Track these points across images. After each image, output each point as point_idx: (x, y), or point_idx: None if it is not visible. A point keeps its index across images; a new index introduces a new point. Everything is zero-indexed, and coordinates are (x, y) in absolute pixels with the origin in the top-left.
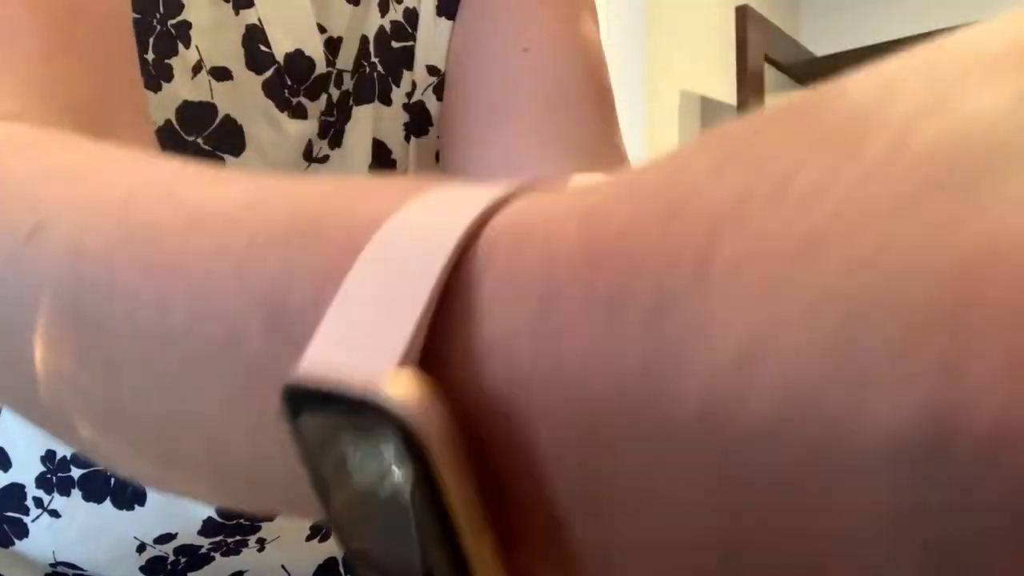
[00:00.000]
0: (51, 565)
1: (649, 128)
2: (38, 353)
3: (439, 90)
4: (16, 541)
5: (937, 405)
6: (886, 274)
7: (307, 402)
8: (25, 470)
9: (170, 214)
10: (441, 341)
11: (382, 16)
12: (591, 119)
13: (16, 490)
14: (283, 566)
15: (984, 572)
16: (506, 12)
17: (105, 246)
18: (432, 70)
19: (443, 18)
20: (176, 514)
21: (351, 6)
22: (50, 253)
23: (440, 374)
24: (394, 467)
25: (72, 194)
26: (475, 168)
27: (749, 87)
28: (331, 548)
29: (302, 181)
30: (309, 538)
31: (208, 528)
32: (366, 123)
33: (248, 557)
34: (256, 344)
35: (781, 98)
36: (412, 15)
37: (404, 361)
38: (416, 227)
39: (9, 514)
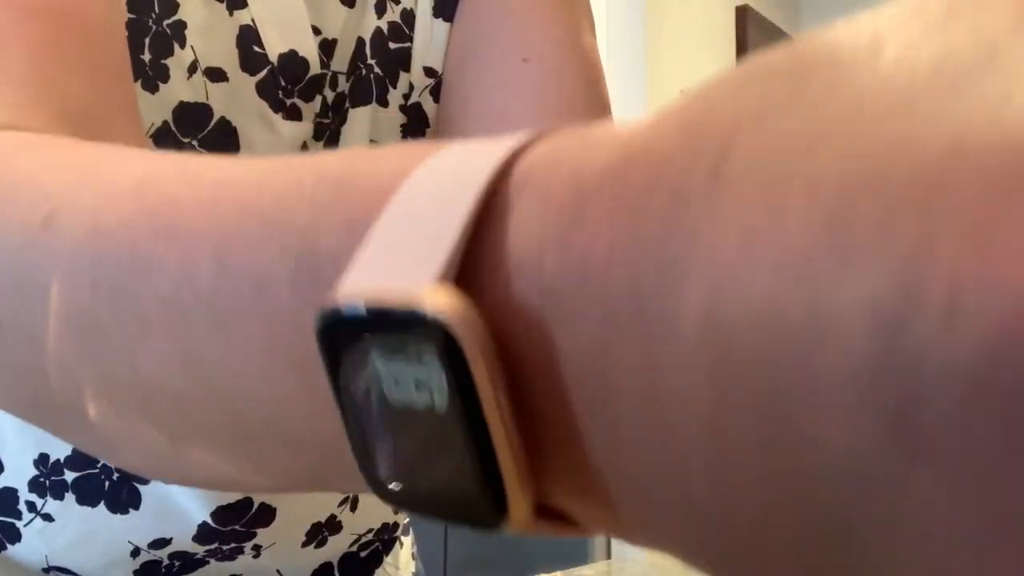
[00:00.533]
0: (44, 570)
1: None
2: (52, 333)
3: (436, 92)
4: (8, 545)
5: (906, 274)
6: (875, 161)
7: (341, 327)
8: (18, 474)
9: (190, 188)
10: (477, 261)
11: (379, 18)
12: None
13: (8, 494)
14: (278, 571)
15: (939, 435)
16: (506, 20)
17: (123, 220)
18: (429, 72)
19: (440, 20)
20: (170, 519)
21: (346, 8)
22: (66, 237)
23: (476, 290)
24: (433, 379)
25: (85, 181)
26: None
27: None
28: (326, 554)
29: (321, 153)
30: (305, 544)
31: (203, 534)
32: (363, 125)
33: (243, 563)
34: (285, 294)
35: None
36: (409, 16)
37: (443, 277)
38: (448, 166)
39: (1, 518)
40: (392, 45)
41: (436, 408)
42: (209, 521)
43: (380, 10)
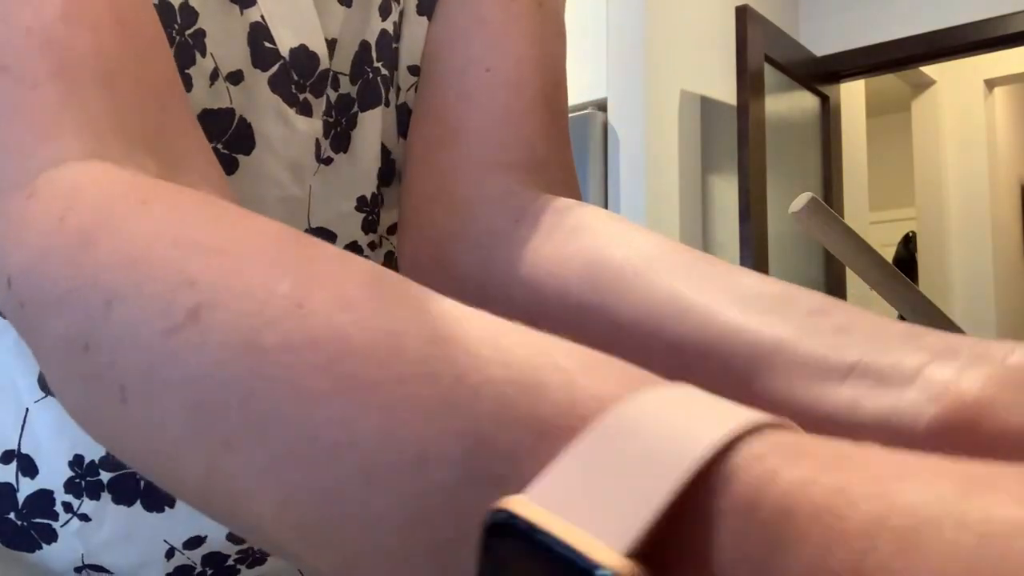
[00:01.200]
0: (76, 570)
1: (649, 128)
2: (177, 422)
3: (406, 92)
4: (43, 545)
5: None
6: None
7: (508, 536)
8: (53, 476)
9: (357, 325)
10: (664, 544)
11: (383, 20)
12: (539, 137)
13: (44, 496)
14: (300, 572)
15: None
16: (475, 29)
17: (288, 344)
18: (413, 70)
19: (424, 17)
20: (203, 519)
21: (343, 7)
22: (215, 341)
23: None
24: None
25: (233, 275)
26: (417, 187)
27: (749, 87)
28: None
29: (510, 336)
30: None
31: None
32: (374, 128)
33: (272, 564)
34: (445, 473)
35: (781, 98)
36: (401, 17)
37: (630, 553)
38: (659, 422)
39: (37, 520)
40: (395, 45)
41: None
42: None
43: (384, 12)
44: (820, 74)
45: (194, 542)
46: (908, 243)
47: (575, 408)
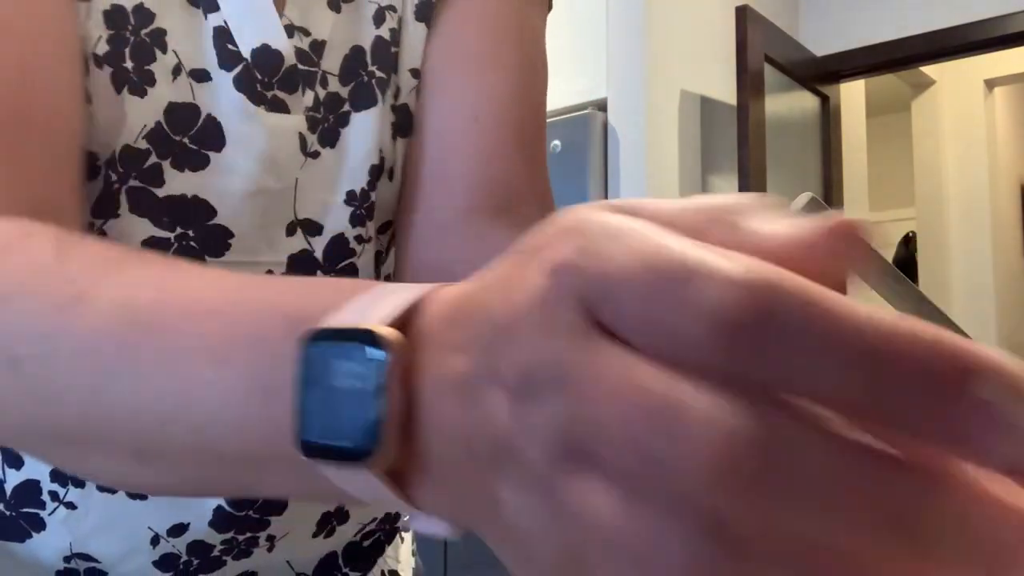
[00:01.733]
0: (65, 559)
1: (649, 128)
2: (65, 371)
3: (406, 94)
4: (33, 534)
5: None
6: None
7: (317, 340)
8: (38, 466)
9: (193, 292)
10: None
11: (377, 27)
12: (519, 173)
13: (31, 486)
14: (288, 562)
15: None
16: (466, 75)
17: (153, 300)
18: (414, 73)
19: (422, 24)
20: (185, 504)
21: (332, 12)
22: (105, 316)
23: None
24: (366, 371)
25: (106, 275)
26: (408, 208)
27: (749, 87)
28: (333, 543)
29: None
30: (315, 535)
31: (219, 520)
32: (366, 128)
33: (258, 557)
34: (278, 340)
35: (781, 98)
36: (394, 24)
37: (388, 323)
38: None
39: (25, 510)
40: (393, 50)
41: (364, 391)
42: (224, 505)
43: (378, 20)
44: (820, 74)
45: (177, 529)
46: (908, 243)
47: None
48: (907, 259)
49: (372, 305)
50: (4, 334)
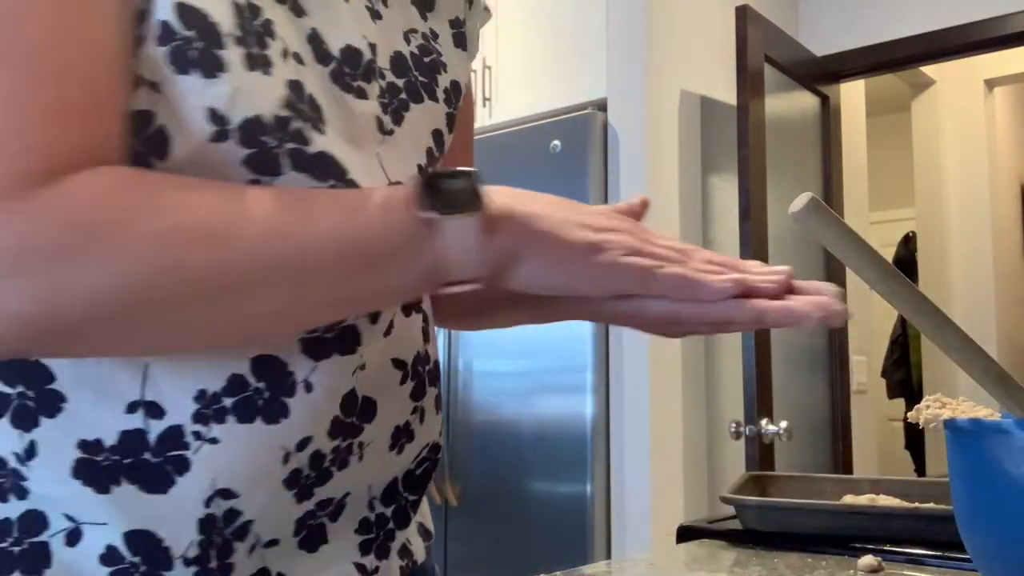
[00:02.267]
0: (206, 502)
1: (649, 128)
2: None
3: (456, 102)
4: (177, 479)
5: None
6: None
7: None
8: (180, 413)
9: (323, 205)
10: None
11: (408, 44)
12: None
13: (174, 431)
14: (369, 486)
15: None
16: (466, 114)
17: (300, 210)
18: (455, 85)
19: (460, 50)
20: (311, 421)
21: (374, 21)
22: (264, 201)
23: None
24: (457, 179)
25: (227, 202)
26: None
27: (749, 87)
28: (400, 464)
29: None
30: (390, 448)
31: (334, 427)
32: (422, 117)
33: (351, 472)
34: (401, 206)
35: (781, 98)
36: (432, 36)
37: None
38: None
39: (171, 453)
40: (426, 59)
41: (463, 188)
42: (339, 413)
43: (408, 39)
44: (820, 74)
45: (302, 443)
46: (908, 243)
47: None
48: (907, 259)
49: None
50: (195, 221)
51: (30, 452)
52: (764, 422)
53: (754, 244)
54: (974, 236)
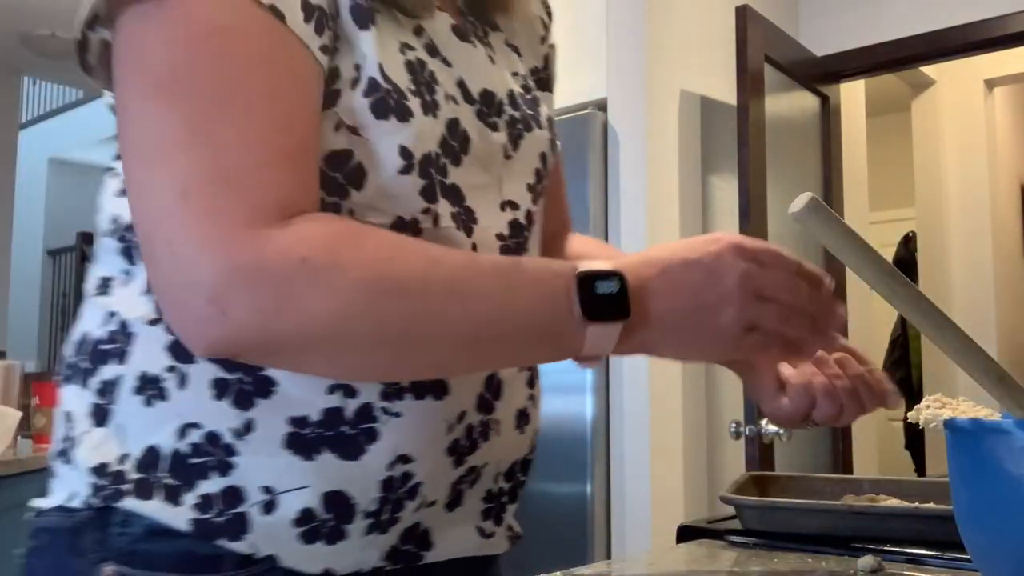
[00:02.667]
0: (387, 466)
1: (649, 128)
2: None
3: (552, 130)
4: (367, 448)
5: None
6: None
7: (584, 280)
8: (369, 392)
9: (497, 270)
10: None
11: (515, 83)
12: (565, 212)
13: (366, 408)
14: (498, 461)
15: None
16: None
17: (476, 272)
18: (549, 118)
19: (546, 92)
20: (466, 396)
21: (491, 63)
22: (453, 267)
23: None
24: (611, 282)
25: (431, 254)
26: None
27: (749, 87)
28: (520, 446)
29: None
30: (515, 427)
31: (479, 404)
32: (532, 143)
33: (492, 445)
34: (558, 286)
35: (781, 98)
36: (526, 80)
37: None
38: (596, 263)
39: (364, 425)
40: (528, 96)
41: (615, 293)
42: (485, 393)
43: (512, 79)
44: (820, 74)
45: (461, 416)
46: (908, 243)
47: (565, 268)
48: (907, 259)
49: (597, 263)
50: (394, 275)
51: (248, 427)
52: (764, 422)
53: None
54: (974, 236)
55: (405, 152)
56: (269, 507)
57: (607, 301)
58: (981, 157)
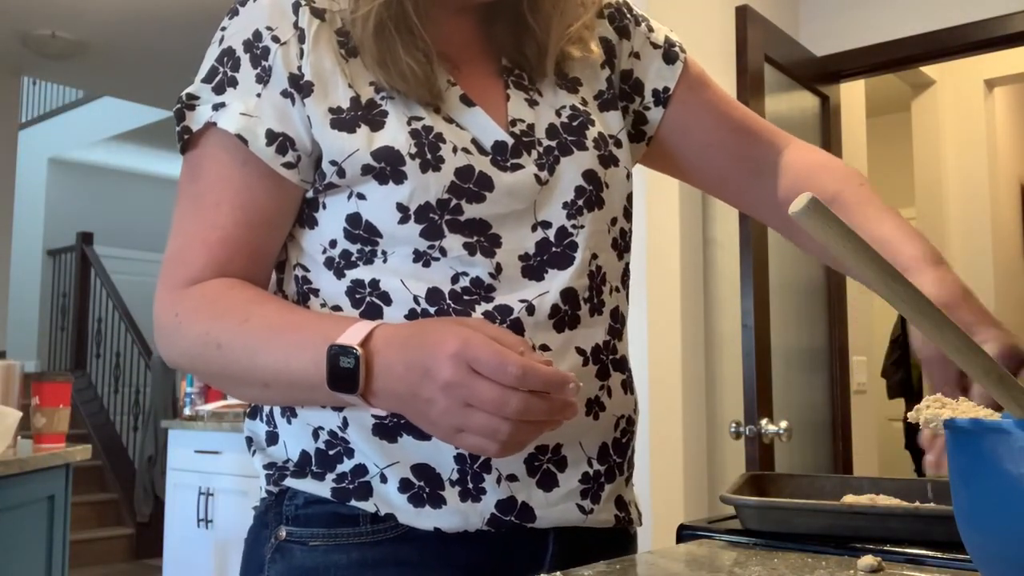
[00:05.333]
0: (456, 459)
1: None
2: (239, 357)
3: (607, 146)
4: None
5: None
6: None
7: (333, 348)
8: None
9: (282, 320)
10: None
11: (559, 117)
12: (766, 130)
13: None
14: (580, 444)
15: None
16: (702, 112)
17: (275, 320)
18: (601, 135)
19: (604, 113)
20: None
21: (530, 107)
22: (255, 328)
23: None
24: (352, 361)
25: (260, 304)
26: (735, 182)
27: (749, 87)
28: (600, 430)
29: (309, 319)
30: (587, 414)
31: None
32: (571, 165)
33: (560, 427)
34: (320, 344)
35: (781, 98)
36: (575, 110)
37: (360, 341)
38: (354, 329)
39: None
40: (574, 123)
41: (351, 367)
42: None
43: (558, 113)
44: (820, 74)
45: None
46: None
47: (330, 337)
48: None
49: (355, 331)
50: (216, 331)
51: (345, 423)
52: (764, 422)
53: (754, 244)
54: (974, 236)
55: (401, 207)
56: (383, 478)
57: (345, 374)
58: (981, 157)
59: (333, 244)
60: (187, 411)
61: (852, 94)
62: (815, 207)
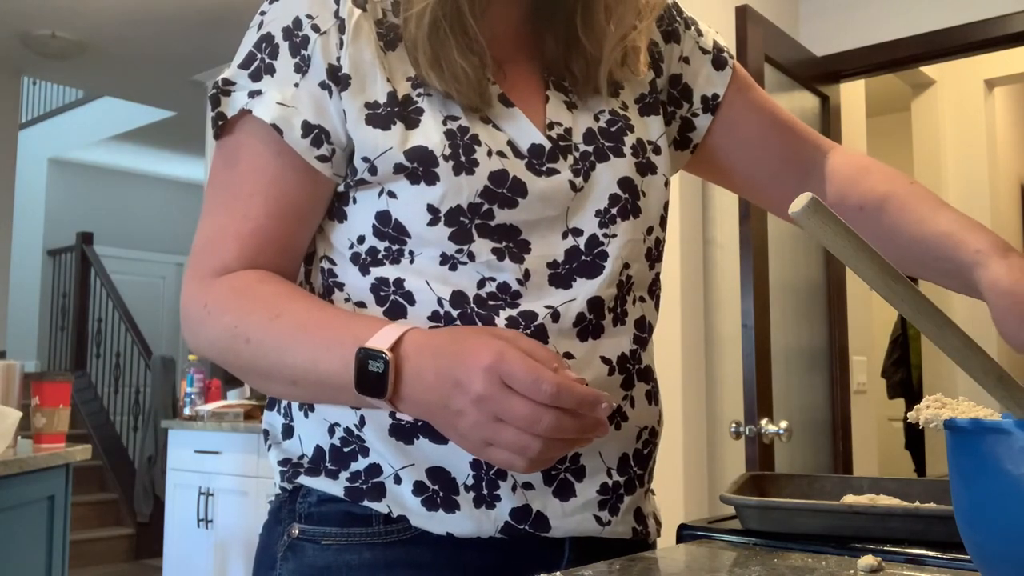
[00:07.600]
0: (472, 464)
1: None
2: (269, 353)
3: (645, 153)
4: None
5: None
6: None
7: (361, 350)
8: None
9: (310, 317)
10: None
11: (597, 121)
12: (805, 135)
13: None
14: (600, 454)
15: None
16: (747, 115)
17: (306, 318)
18: (640, 141)
19: (644, 118)
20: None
21: (569, 111)
22: (285, 325)
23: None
24: (378, 363)
25: (290, 300)
26: (780, 182)
27: None
28: (623, 441)
29: (342, 317)
30: (610, 423)
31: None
32: (607, 172)
33: (604, 439)
34: (350, 344)
35: (781, 98)
36: (614, 114)
37: (390, 345)
38: (384, 333)
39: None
40: (612, 129)
41: (379, 371)
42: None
43: (596, 118)
44: (820, 74)
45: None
46: None
47: (369, 333)
48: None
49: (385, 334)
50: (245, 325)
51: (362, 422)
52: (764, 422)
53: (754, 244)
54: None
55: (432, 208)
56: (398, 479)
57: (374, 378)
58: (981, 157)
59: (361, 240)
60: (187, 411)
61: (852, 94)
62: (815, 207)
